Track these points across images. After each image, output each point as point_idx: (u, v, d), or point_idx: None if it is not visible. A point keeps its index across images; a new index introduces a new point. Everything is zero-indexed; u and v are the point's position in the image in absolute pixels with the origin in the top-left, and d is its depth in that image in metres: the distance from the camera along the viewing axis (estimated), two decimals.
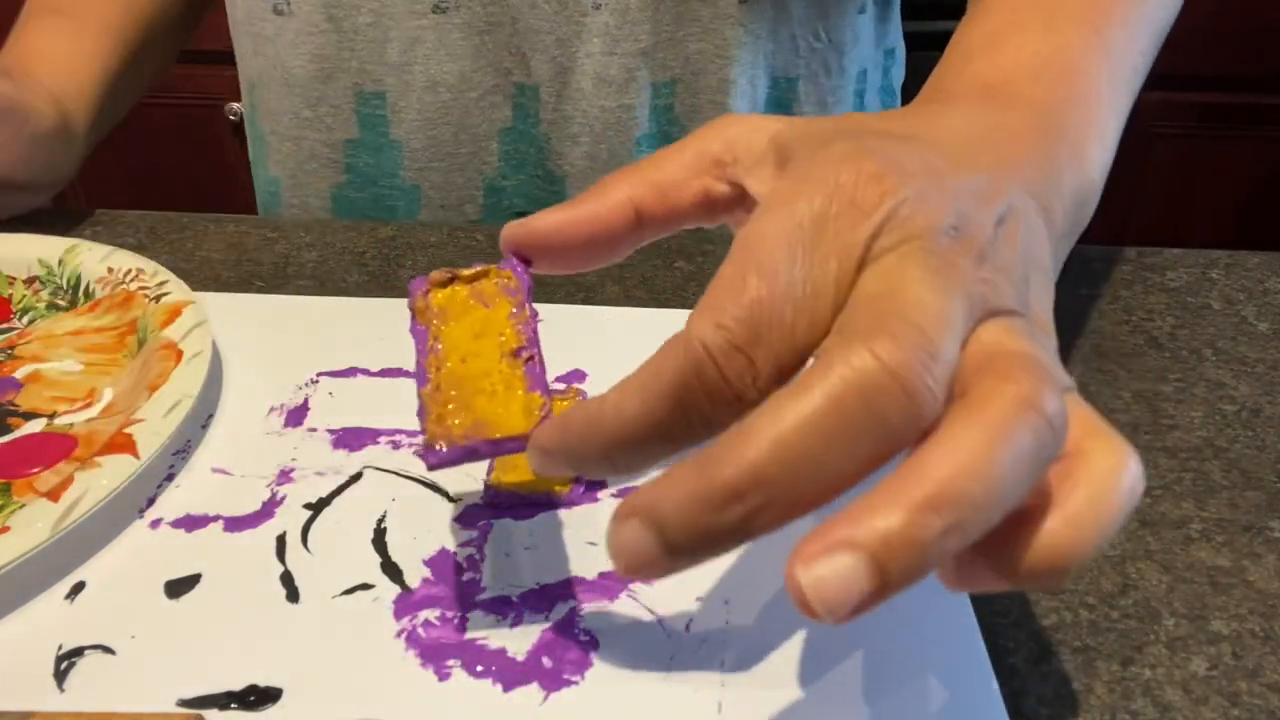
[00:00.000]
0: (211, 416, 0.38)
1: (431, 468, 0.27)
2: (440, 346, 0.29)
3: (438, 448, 0.26)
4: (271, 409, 0.39)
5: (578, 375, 0.41)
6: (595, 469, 0.24)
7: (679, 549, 0.21)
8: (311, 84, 0.59)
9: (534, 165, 0.60)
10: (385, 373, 0.41)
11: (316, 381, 0.40)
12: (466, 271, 0.30)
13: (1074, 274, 0.49)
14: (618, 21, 0.56)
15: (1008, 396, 0.20)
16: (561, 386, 0.40)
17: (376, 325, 0.44)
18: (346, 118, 0.60)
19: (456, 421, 0.27)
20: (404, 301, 0.45)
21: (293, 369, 0.41)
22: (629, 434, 0.23)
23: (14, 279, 0.46)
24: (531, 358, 0.28)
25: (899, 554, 0.19)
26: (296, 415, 0.38)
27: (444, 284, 0.30)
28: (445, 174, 0.60)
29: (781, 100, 0.61)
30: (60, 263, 0.46)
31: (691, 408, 0.22)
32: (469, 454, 0.27)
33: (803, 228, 0.23)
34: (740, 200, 0.30)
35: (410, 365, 0.41)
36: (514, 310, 0.29)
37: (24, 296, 0.46)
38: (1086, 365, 0.42)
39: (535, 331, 0.29)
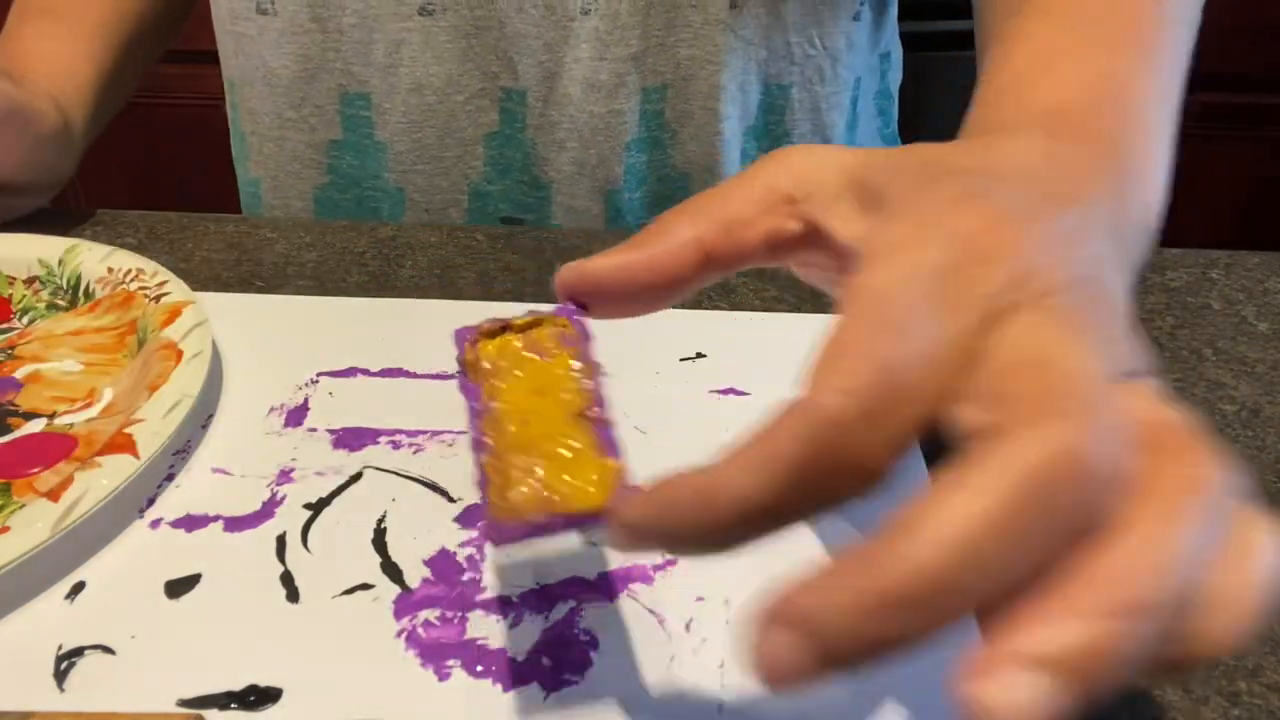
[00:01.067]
0: (211, 416, 0.38)
1: (498, 545, 0.25)
2: (496, 407, 0.26)
3: (505, 525, 0.23)
4: (271, 409, 0.39)
5: None
6: (691, 550, 0.21)
7: (838, 659, 0.18)
8: (295, 84, 0.59)
9: (520, 170, 0.60)
10: (385, 373, 0.41)
11: (316, 381, 0.40)
12: (519, 320, 0.27)
13: None
14: (608, 27, 0.55)
15: (1184, 481, 0.19)
16: None
17: (376, 325, 0.44)
18: (330, 118, 0.59)
19: (524, 492, 0.24)
20: (405, 301, 0.45)
21: (293, 369, 0.41)
22: (741, 513, 0.20)
23: (14, 279, 0.46)
24: (601, 418, 0.26)
25: (1093, 668, 0.17)
26: (296, 415, 0.38)
27: (493, 334, 0.27)
28: (429, 177, 0.60)
29: (773, 107, 0.61)
30: (60, 263, 0.46)
31: (814, 483, 0.20)
32: (540, 530, 0.24)
33: (929, 279, 0.21)
34: (809, 239, 0.27)
35: (414, 368, 0.41)
36: (575, 364, 0.27)
37: (24, 296, 0.46)
38: None
39: (601, 388, 0.26)
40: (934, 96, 1.43)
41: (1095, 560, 0.18)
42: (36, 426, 0.38)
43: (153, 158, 1.51)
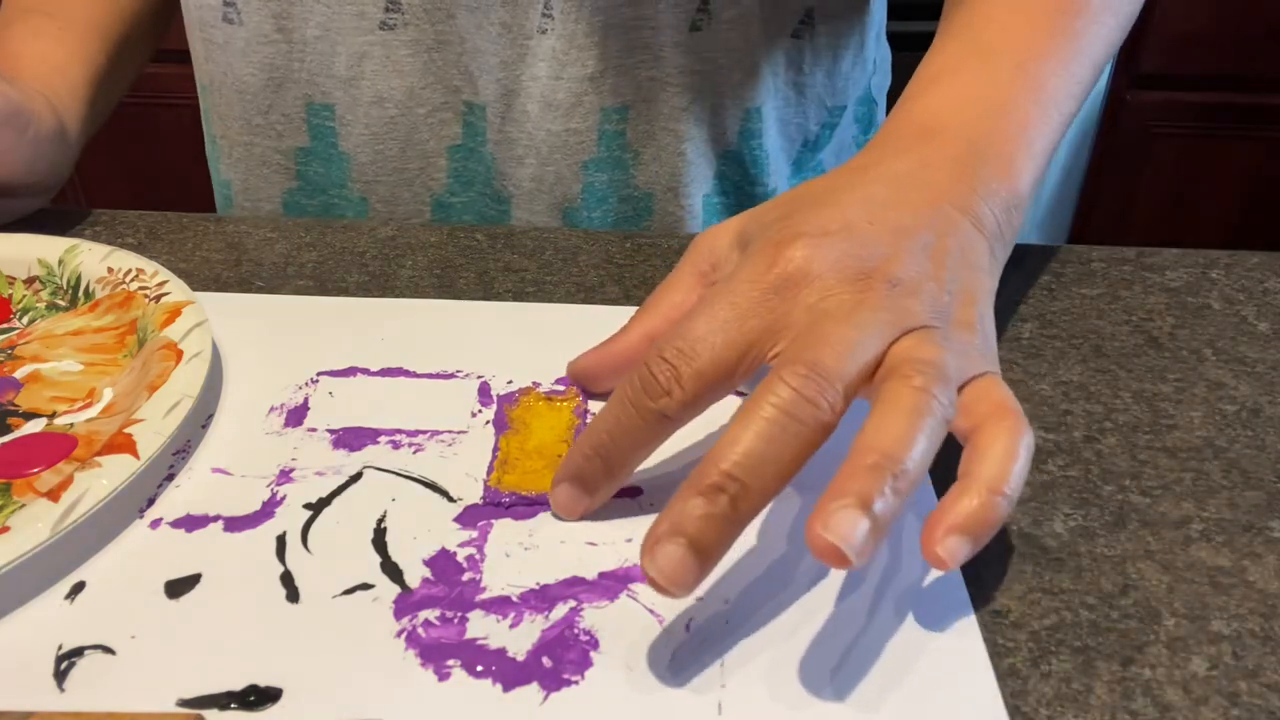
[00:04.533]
0: (211, 416, 0.38)
1: (484, 503, 0.35)
2: (514, 434, 0.38)
3: (493, 492, 0.35)
4: (271, 409, 0.39)
5: None
6: (590, 467, 0.33)
7: (701, 545, 0.27)
8: (262, 93, 0.59)
9: (483, 183, 0.59)
10: (385, 372, 0.41)
11: (316, 381, 0.40)
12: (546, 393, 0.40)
13: (1074, 274, 0.49)
14: (564, 47, 0.55)
15: (910, 389, 0.29)
16: (561, 388, 0.40)
17: (376, 325, 0.44)
18: (297, 126, 0.59)
19: (509, 479, 0.36)
20: (405, 301, 0.45)
21: (293, 369, 0.41)
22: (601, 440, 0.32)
23: (14, 279, 0.46)
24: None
25: (876, 500, 0.26)
26: (296, 415, 0.38)
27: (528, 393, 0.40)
28: (392, 188, 0.60)
29: (751, 131, 0.60)
30: (60, 263, 0.46)
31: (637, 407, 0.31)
32: (512, 503, 0.35)
33: (735, 292, 0.32)
34: None
35: (414, 367, 0.41)
36: (575, 417, 0.39)
37: (24, 296, 0.46)
38: (1086, 365, 0.42)
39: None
40: None
41: (861, 444, 0.28)
42: (36, 427, 0.38)
43: (153, 158, 1.51)
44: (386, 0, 0.55)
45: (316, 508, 0.34)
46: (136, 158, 1.51)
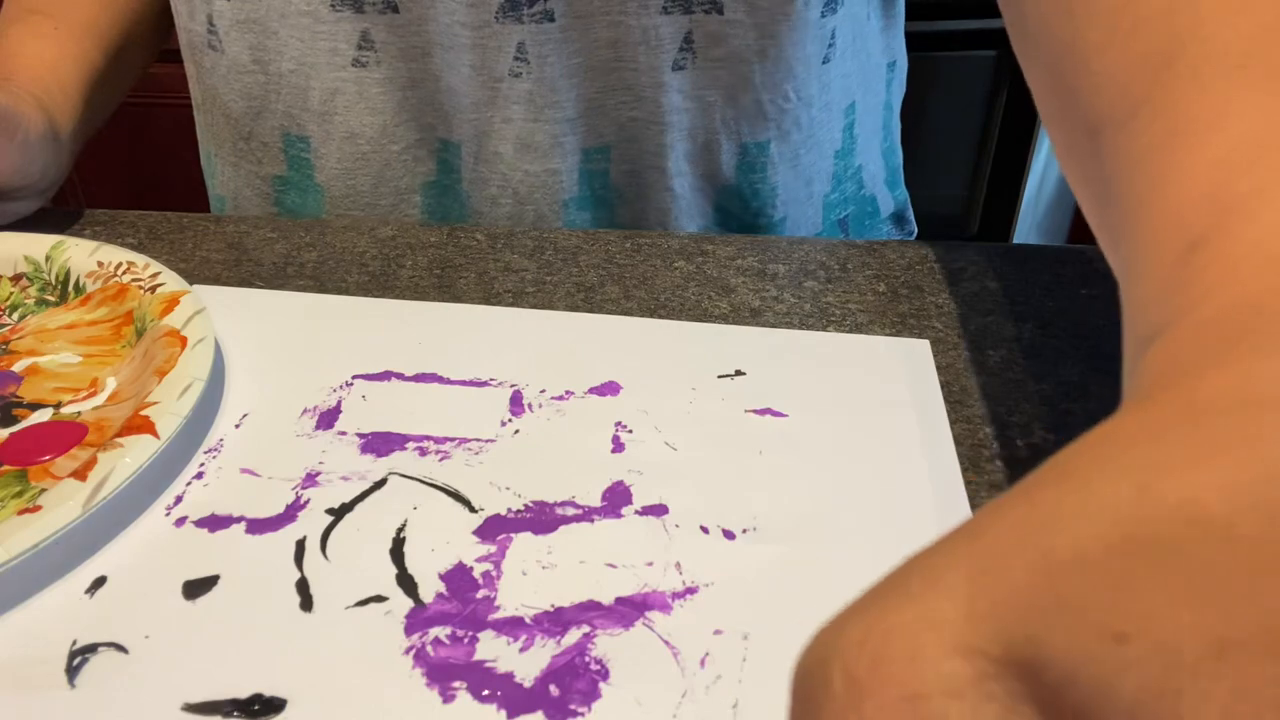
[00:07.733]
0: (246, 416, 0.37)
1: None
2: None
3: None
4: (305, 410, 0.37)
5: (611, 388, 0.39)
6: None
7: None
8: (244, 119, 0.57)
9: (457, 219, 0.57)
10: (419, 378, 0.39)
11: (351, 384, 0.39)
12: None
13: (1074, 274, 0.46)
14: (541, 90, 0.52)
15: None
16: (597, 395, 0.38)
17: (414, 329, 0.42)
18: (276, 155, 0.58)
19: None
20: (446, 305, 0.43)
21: (330, 370, 0.39)
22: None
23: (0, 276, 0.45)
24: None
25: None
26: (328, 418, 0.37)
27: None
28: None
29: (753, 165, 0.57)
30: (48, 259, 0.45)
31: None
32: None
33: None
34: None
35: (448, 373, 0.39)
36: None
37: (11, 294, 0.45)
38: (1086, 365, 0.39)
39: None
40: (933, 98, 1.36)
41: None
42: (43, 416, 0.37)
43: (153, 158, 1.48)
44: (359, 38, 0.52)
45: (339, 513, 0.33)
46: (136, 158, 1.47)
